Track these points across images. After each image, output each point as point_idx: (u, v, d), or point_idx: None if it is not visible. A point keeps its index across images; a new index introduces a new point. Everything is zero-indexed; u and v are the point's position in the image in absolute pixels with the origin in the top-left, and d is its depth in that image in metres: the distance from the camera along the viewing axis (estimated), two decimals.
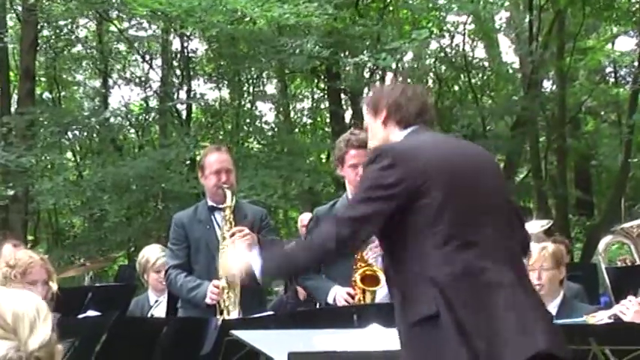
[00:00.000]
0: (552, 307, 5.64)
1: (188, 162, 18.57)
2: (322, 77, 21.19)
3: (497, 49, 21.24)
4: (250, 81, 21.39)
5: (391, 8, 18.93)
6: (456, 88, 22.21)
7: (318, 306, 7.30)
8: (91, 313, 5.39)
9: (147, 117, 21.33)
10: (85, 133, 20.97)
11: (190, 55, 20.98)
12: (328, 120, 22.67)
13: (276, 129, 22.71)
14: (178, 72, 21.30)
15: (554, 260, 5.71)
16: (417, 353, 3.53)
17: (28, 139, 16.56)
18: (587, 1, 18.77)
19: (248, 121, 21.93)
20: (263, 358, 4.17)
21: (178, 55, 21.08)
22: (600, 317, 5.26)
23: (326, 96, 22.14)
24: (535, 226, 7.64)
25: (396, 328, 3.71)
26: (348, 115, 21.86)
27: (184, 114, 20.90)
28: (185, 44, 20.66)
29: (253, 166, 17.65)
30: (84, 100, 23.12)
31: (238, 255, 4.11)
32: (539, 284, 5.61)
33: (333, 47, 17.58)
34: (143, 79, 21.69)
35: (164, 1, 14.33)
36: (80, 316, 5.27)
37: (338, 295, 5.82)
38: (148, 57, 21.66)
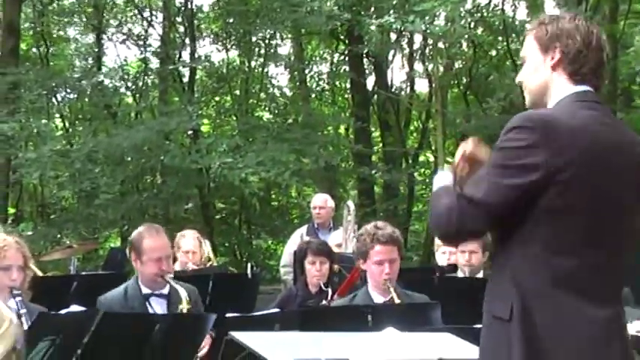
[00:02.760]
0: None
1: (190, 132, 18.59)
2: (342, 39, 21.14)
3: (541, 11, 21.08)
4: (262, 42, 21.27)
5: None
6: (493, 53, 22.10)
7: (329, 299, 7.40)
8: (74, 307, 5.40)
9: (145, 80, 21.28)
10: (76, 97, 20.99)
11: (195, 11, 20.93)
12: (348, 87, 22.62)
13: (290, 95, 22.72)
14: (181, 30, 21.29)
15: None
16: (483, 343, 3.55)
17: (11, 102, 16.54)
18: None
19: (258, 87, 21.89)
20: None
21: (182, 11, 21.05)
22: None
23: (346, 59, 22.08)
24: None
25: None
26: (370, 82, 21.87)
27: (187, 78, 20.86)
28: None
29: (263, 138, 17.62)
30: (75, 58, 23.07)
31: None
32: None
33: (355, 6, 17.56)
34: (142, 37, 21.63)
35: None
36: (63, 310, 5.26)
37: None
38: (147, 12, 21.61)
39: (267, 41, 21.27)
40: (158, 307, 6.17)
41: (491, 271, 3.69)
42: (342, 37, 21.16)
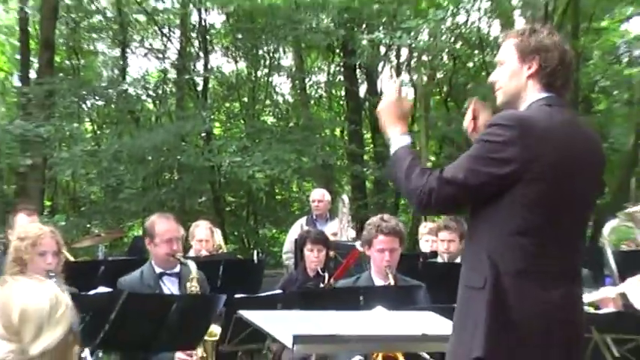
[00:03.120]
0: None
1: (204, 135, 18.59)
2: (338, 52, 21.13)
3: (512, 28, 21.08)
4: (267, 54, 21.26)
5: None
6: (471, 65, 22.08)
7: (326, 282, 7.40)
8: (102, 289, 5.40)
9: (164, 88, 21.25)
10: (103, 103, 20.97)
11: (208, 27, 20.92)
12: (343, 94, 22.60)
13: (291, 101, 22.69)
14: (196, 44, 21.25)
15: None
16: (457, 310, 3.59)
17: (47, 108, 16.53)
18: None
19: (264, 94, 21.89)
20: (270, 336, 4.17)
21: (196, 28, 21.02)
22: (603, 294, 5.32)
23: (341, 70, 22.06)
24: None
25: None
26: (362, 90, 21.87)
27: (201, 86, 20.84)
28: (203, 17, 20.63)
29: (267, 139, 17.68)
30: (102, 69, 23.03)
31: (392, 114, 3.82)
32: None
33: (349, 24, 17.59)
34: (161, 51, 21.60)
35: None
36: (92, 291, 5.27)
37: None
38: (166, 29, 21.57)
39: (271, 54, 21.23)
40: (170, 284, 6.23)
41: (466, 251, 3.73)
42: (337, 50, 21.12)
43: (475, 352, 3.36)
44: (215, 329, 5.71)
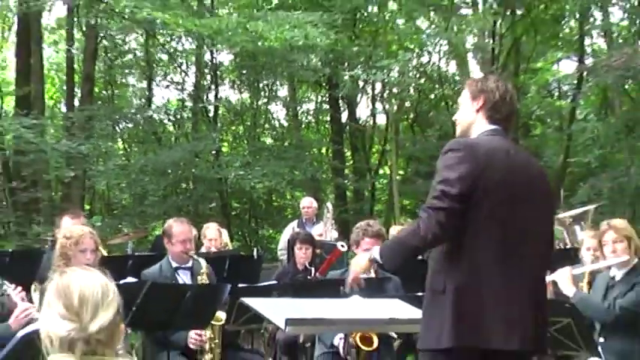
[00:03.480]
0: None
1: (214, 152, 18.57)
2: (324, 86, 21.15)
3: (466, 68, 21.16)
4: (266, 87, 21.28)
5: (381, 31, 18.80)
6: (432, 96, 22.15)
7: (313, 275, 7.39)
8: (130, 279, 5.39)
9: (182, 114, 21.24)
10: (132, 126, 20.95)
11: (218, 64, 20.92)
12: (329, 120, 22.61)
13: (286, 125, 22.70)
14: (208, 78, 21.24)
15: None
16: (425, 312, 3.55)
17: (87, 130, 16.52)
18: (538, 31, 18.97)
19: (263, 119, 21.91)
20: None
21: (209, 65, 21.02)
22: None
23: (327, 100, 22.07)
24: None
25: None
26: (344, 117, 21.91)
27: (212, 113, 20.82)
28: (214, 56, 20.63)
29: (266, 157, 17.71)
30: (132, 98, 23.00)
31: (361, 256, 3.97)
32: None
33: (333, 62, 17.67)
34: (180, 83, 21.60)
35: (198, 23, 14.34)
36: (121, 281, 5.25)
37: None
38: (184, 66, 21.58)
39: (269, 86, 21.26)
40: (184, 276, 6.20)
41: (431, 257, 3.69)
42: (324, 84, 21.12)
43: (444, 344, 3.36)
44: (220, 315, 5.69)
